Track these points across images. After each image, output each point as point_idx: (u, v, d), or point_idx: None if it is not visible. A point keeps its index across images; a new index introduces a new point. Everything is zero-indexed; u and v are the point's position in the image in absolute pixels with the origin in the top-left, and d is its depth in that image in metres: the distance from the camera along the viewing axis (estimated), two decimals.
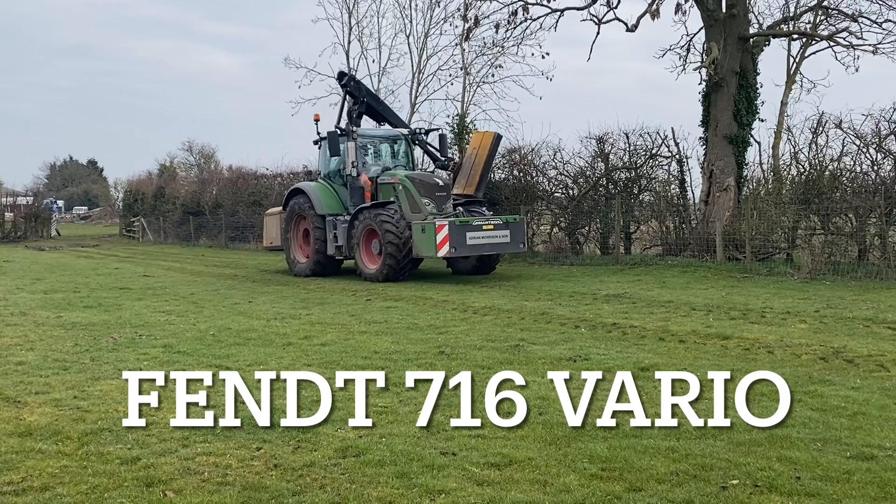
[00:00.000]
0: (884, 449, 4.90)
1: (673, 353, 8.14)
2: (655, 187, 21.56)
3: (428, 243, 15.55)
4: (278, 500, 4.27)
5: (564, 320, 10.57)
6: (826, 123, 17.10)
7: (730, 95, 17.99)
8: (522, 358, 8.03)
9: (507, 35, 21.59)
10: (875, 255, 15.53)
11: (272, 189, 33.94)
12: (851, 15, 19.00)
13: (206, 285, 16.87)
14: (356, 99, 19.10)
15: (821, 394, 6.28)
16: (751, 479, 4.44)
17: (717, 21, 17.83)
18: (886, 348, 8.10)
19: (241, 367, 7.74)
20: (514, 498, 4.20)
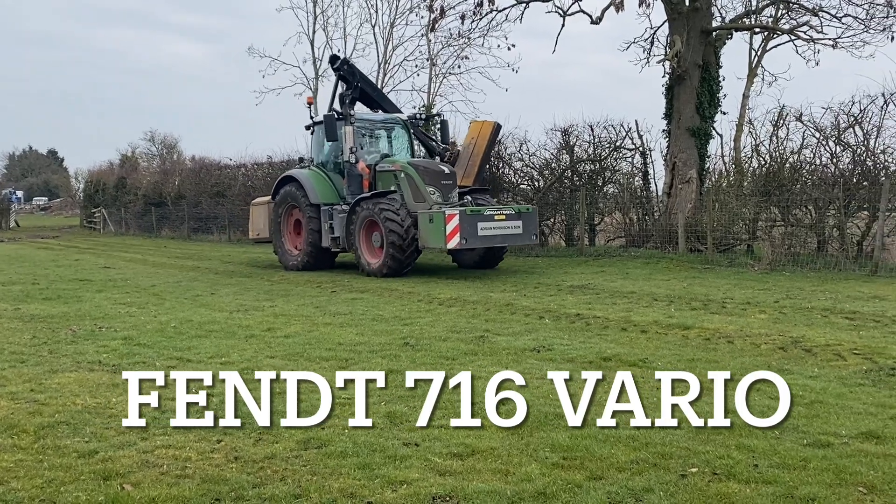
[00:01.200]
0: (840, 436, 4.98)
1: (635, 343, 8.21)
2: (619, 179, 21.71)
3: (436, 234, 14.65)
4: (238, 492, 4.23)
5: (529, 311, 10.61)
6: (787, 116, 17.36)
7: (692, 88, 18.15)
8: (487, 349, 8.04)
9: (473, 26, 21.66)
10: (834, 246, 15.79)
11: (236, 180, 33.68)
12: (812, 9, 19.27)
13: (168, 277, 16.69)
14: (349, 83, 18.07)
15: None
16: (710, 466, 4.49)
17: (680, 14, 17.97)
18: (844, 338, 8.24)
19: (203, 359, 7.69)
20: (475, 487, 4.21)
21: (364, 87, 18.35)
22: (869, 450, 4.72)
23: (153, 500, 4.14)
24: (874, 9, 18.21)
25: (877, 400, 5.82)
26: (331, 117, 16.64)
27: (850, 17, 18.54)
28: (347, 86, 17.99)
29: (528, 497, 4.08)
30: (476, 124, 18.55)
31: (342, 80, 18.15)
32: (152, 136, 67.91)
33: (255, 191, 31.90)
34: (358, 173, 16.60)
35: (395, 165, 16.24)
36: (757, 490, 4.14)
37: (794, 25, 20.07)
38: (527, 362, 7.36)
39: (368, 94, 18.48)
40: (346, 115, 16.90)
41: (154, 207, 38.53)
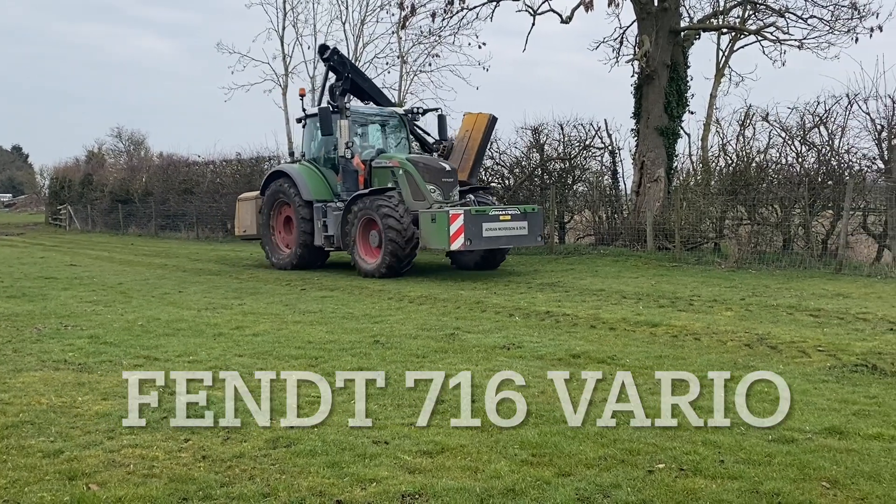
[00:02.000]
0: (804, 432, 5.05)
1: (603, 341, 8.26)
2: (589, 178, 21.86)
3: (439, 235, 13.97)
4: (206, 491, 4.20)
5: (499, 309, 10.64)
6: (753, 116, 17.56)
7: (661, 88, 18.30)
8: (457, 346, 8.05)
9: (444, 24, 21.70)
10: (799, 244, 16.01)
11: (204, 177, 33.39)
12: (778, 10, 19.53)
13: (135, 275, 16.50)
14: (339, 75, 17.48)
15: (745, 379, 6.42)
16: (676, 462, 4.53)
17: (649, 14, 18.11)
18: (808, 335, 8.35)
19: (170, 358, 7.62)
20: (444, 485, 4.22)
21: (355, 78, 17.74)
22: (832, 445, 4.79)
23: (119, 500, 4.10)
24: (839, 10, 18.53)
25: (840, 396, 5.91)
26: (326, 110, 15.93)
27: (816, 19, 18.85)
28: (338, 77, 17.46)
29: (497, 494, 4.09)
30: (470, 117, 17.81)
31: (332, 71, 17.61)
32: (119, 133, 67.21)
33: (223, 188, 31.71)
34: (353, 169, 15.95)
35: (393, 161, 15.64)
36: (723, 485, 4.18)
37: (761, 26, 20.32)
38: (496, 360, 7.38)
39: (359, 86, 17.82)
40: (342, 108, 16.20)
41: (121, 204, 38.08)
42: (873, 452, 4.64)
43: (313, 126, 16.93)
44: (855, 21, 18.31)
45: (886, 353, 7.36)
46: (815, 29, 18.94)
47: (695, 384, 6.16)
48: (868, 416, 5.36)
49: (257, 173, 30.63)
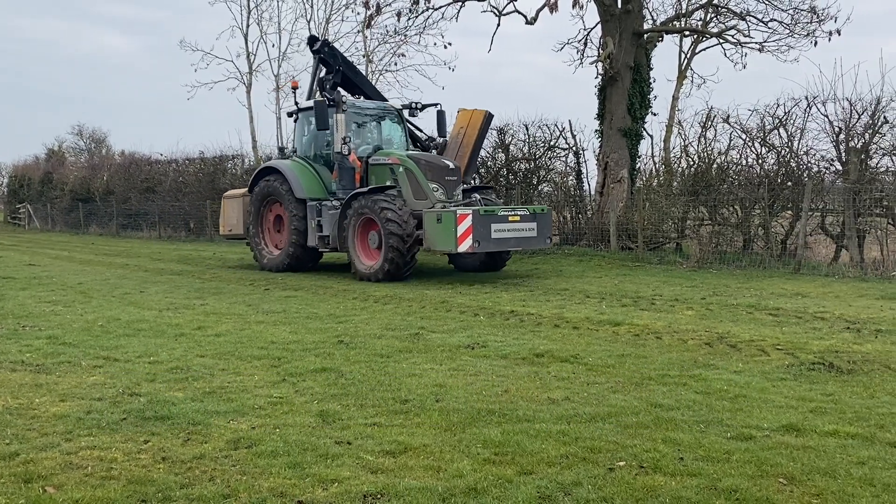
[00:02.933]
0: (762, 430, 5.10)
1: (567, 340, 8.30)
2: (553, 178, 21.98)
3: (445, 236, 13.18)
4: (165, 493, 4.15)
5: (464, 308, 10.65)
6: (714, 118, 17.77)
7: (624, 90, 18.44)
8: (422, 346, 8.04)
9: (410, 24, 21.65)
10: (759, 244, 16.24)
11: (167, 175, 33.04)
12: (740, 13, 19.80)
13: (96, 274, 16.27)
14: (330, 67, 16.68)
15: (705, 377, 6.49)
16: (637, 460, 4.56)
17: (612, 16, 18.25)
18: (767, 334, 8.47)
19: (131, 358, 7.52)
20: (407, 484, 4.20)
21: (346, 71, 17.05)
22: (789, 442, 4.85)
23: (76, 503, 4.03)
24: (798, 14, 18.82)
25: (798, 394, 5.98)
26: (322, 103, 15.04)
27: (776, 22, 19.14)
28: (328, 69, 16.77)
29: (459, 493, 4.09)
30: (465, 113, 17.03)
31: (322, 64, 16.86)
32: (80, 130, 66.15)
33: (186, 187, 31.38)
34: (350, 166, 15.11)
35: (393, 158, 14.86)
36: (682, 482, 4.22)
37: (723, 29, 20.58)
38: (461, 359, 7.38)
39: (351, 80, 17.12)
40: (338, 102, 15.28)
41: (81, 203, 37.54)
42: (829, 449, 4.70)
43: (305, 121, 16.31)
44: (814, 25, 18.64)
45: (843, 351, 7.49)
46: (775, 32, 19.26)
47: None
48: (824, 414, 5.44)
49: (220, 172, 30.40)
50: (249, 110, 34.04)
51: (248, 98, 34.47)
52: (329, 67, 16.77)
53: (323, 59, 16.81)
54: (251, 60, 34.21)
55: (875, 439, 4.88)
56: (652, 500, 4.00)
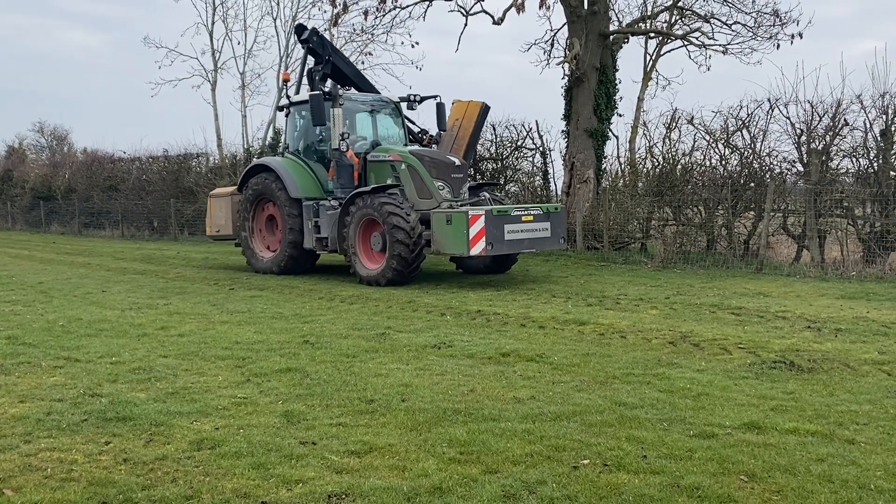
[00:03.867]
0: (724, 427, 5.16)
1: (532, 339, 8.34)
2: (521, 178, 22.04)
3: (456, 238, 12.36)
4: (126, 494, 4.10)
5: (431, 308, 10.65)
6: (679, 119, 17.89)
7: (590, 91, 18.54)
8: (388, 346, 8.02)
9: (377, 22, 21.61)
10: (722, 244, 16.41)
11: (130, 174, 32.62)
12: (704, 16, 20.00)
13: (57, 274, 16.02)
14: (319, 58, 15.77)
15: (668, 376, 6.55)
16: (601, 458, 4.59)
17: (579, 17, 18.34)
18: (730, 332, 8.56)
19: (92, 359, 7.42)
20: (372, 484, 4.20)
21: (336, 61, 16.14)
22: (751, 440, 4.91)
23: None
24: (761, 17, 19.04)
25: (759, 392, 6.06)
26: (318, 97, 14.09)
27: (740, 25, 19.35)
28: (317, 60, 15.92)
29: (424, 492, 4.09)
30: (460, 104, 16.24)
31: (311, 54, 16.03)
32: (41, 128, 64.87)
33: (150, 185, 31.00)
34: (349, 163, 14.27)
35: (393, 155, 14.00)
36: (645, 480, 4.26)
37: (687, 31, 20.78)
38: (427, 358, 7.38)
39: (341, 71, 16.15)
40: (335, 96, 14.31)
41: (42, 202, 36.92)
42: (789, 446, 4.77)
43: (298, 115, 15.51)
44: (777, 28, 18.86)
45: (804, 350, 7.58)
46: (738, 35, 19.48)
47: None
48: (785, 412, 5.51)
49: (185, 170, 30.08)
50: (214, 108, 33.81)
51: (213, 96, 34.21)
52: (318, 58, 15.96)
53: (312, 50, 16.00)
54: (216, 58, 33.99)
55: (834, 437, 4.96)
56: (615, 497, 4.03)
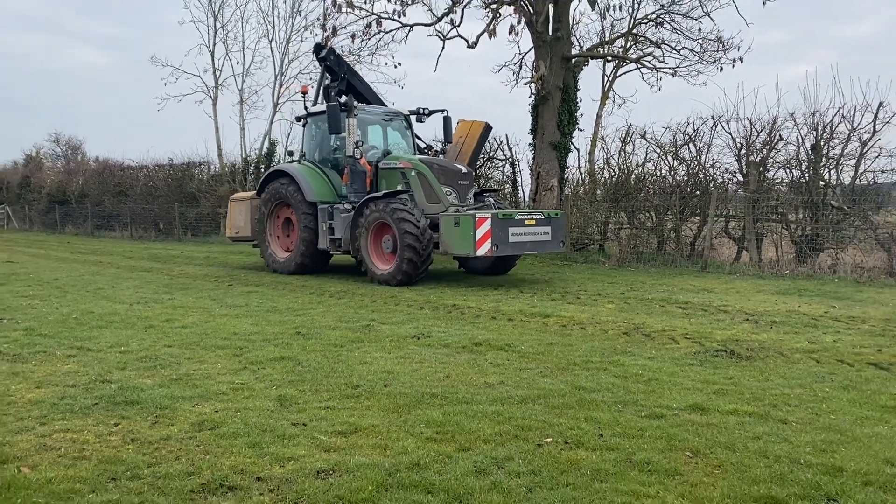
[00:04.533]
0: (672, 409, 5.20)
1: (502, 330, 8.35)
2: (492, 186, 22.03)
3: (463, 239, 12.06)
4: (133, 471, 4.06)
5: (411, 302, 10.63)
6: (633, 134, 17.96)
7: (554, 108, 18.57)
8: (372, 336, 8.00)
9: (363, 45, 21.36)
10: (671, 246, 16.51)
11: (138, 180, 32.29)
12: (656, 42, 20.09)
13: (71, 271, 15.82)
14: (335, 75, 15.41)
15: (623, 363, 6.59)
16: (562, 436, 4.61)
17: (544, 42, 18.36)
18: (677, 324, 8.63)
19: (103, 348, 7.34)
20: (357, 461, 4.18)
21: (350, 79, 15.69)
22: (695, 420, 4.95)
23: (50, 482, 3.92)
24: (706, 43, 19.16)
25: (703, 377, 6.11)
26: (335, 107, 13.70)
27: (687, 50, 19.46)
28: (333, 77, 15.48)
29: (403, 468, 4.08)
30: (465, 123, 15.88)
31: (328, 72, 15.57)
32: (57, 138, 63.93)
33: (156, 191, 30.67)
34: (362, 170, 13.89)
35: (404, 163, 13.64)
36: (601, 456, 4.28)
37: (641, 55, 20.86)
38: (408, 348, 7.37)
39: (355, 87, 15.67)
40: (351, 107, 13.94)
41: (58, 205, 36.44)
42: (729, 426, 4.81)
43: (315, 125, 15.06)
44: (720, 53, 18.98)
45: (742, 340, 7.66)
46: (686, 59, 19.60)
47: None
48: (726, 395, 5.56)
49: (188, 177, 29.82)
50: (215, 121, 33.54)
51: (214, 110, 33.94)
52: (334, 75, 15.52)
53: (328, 67, 15.57)
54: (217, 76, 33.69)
55: (769, 417, 5.01)
56: (575, 472, 4.05)
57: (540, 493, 3.76)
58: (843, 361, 6.66)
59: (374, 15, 18.86)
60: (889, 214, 14.59)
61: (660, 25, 19.94)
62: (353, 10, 19.12)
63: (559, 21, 18.35)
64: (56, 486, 3.87)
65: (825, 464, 4.12)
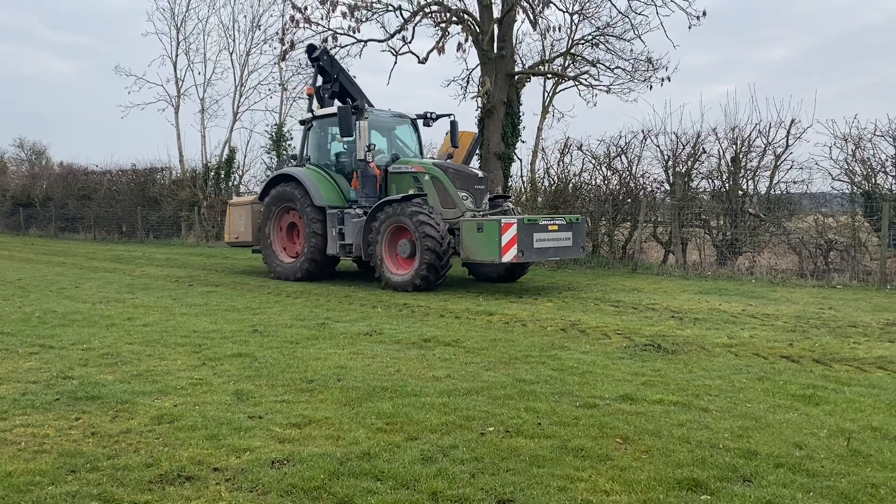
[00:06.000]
0: (604, 399, 5.25)
1: (450, 327, 8.34)
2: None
3: (487, 245, 11.07)
4: (93, 464, 3.93)
5: (364, 301, 10.55)
6: (571, 146, 18.12)
7: (499, 121, 18.68)
8: (327, 334, 7.91)
9: None
10: (605, 249, 16.75)
11: (101, 185, 31.38)
12: (591, 61, 20.37)
13: (34, 271, 15.29)
14: (327, 76, 14.27)
15: (560, 357, 6.64)
16: (503, 426, 4.62)
17: (490, 60, 18.46)
18: (609, 321, 8.74)
19: (65, 346, 7.10)
20: (310, 451, 4.13)
21: (343, 81, 14.48)
22: (625, 409, 5.01)
23: (9, 475, 3.77)
24: (637, 63, 19.50)
25: (632, 370, 6.19)
26: (346, 109, 12.54)
27: (620, 69, 19.77)
28: (325, 79, 14.35)
29: (354, 457, 4.05)
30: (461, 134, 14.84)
31: (320, 73, 14.42)
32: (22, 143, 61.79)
33: (119, 195, 29.84)
34: (372, 174, 12.86)
35: (416, 167, 12.61)
36: (539, 443, 4.30)
37: (578, 73, 21.12)
38: (360, 344, 7.31)
39: (346, 90, 14.49)
40: (361, 109, 12.85)
41: (22, 208, 35.15)
42: (656, 414, 4.89)
43: (320, 129, 13.94)
44: (649, 72, 19.33)
45: (668, 335, 7.80)
46: (619, 77, 19.89)
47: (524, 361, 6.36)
48: (653, 386, 5.64)
49: (150, 182, 29.11)
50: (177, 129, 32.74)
51: (176, 118, 33.17)
52: (326, 76, 14.39)
53: (321, 68, 14.41)
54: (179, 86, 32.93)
55: (691, 406, 5.10)
56: (515, 458, 4.06)
57: (482, 479, 3.77)
58: (759, 355, 6.83)
59: (330, 30, 18.68)
60: (800, 221, 15.04)
61: (595, 46, 20.23)
62: (310, 25, 18.94)
63: (503, 40, 18.49)
64: (16, 479, 3.73)
65: (741, 448, 4.22)
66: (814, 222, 14.29)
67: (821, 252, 13.80)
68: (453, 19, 18.62)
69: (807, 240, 14.02)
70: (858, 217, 13.68)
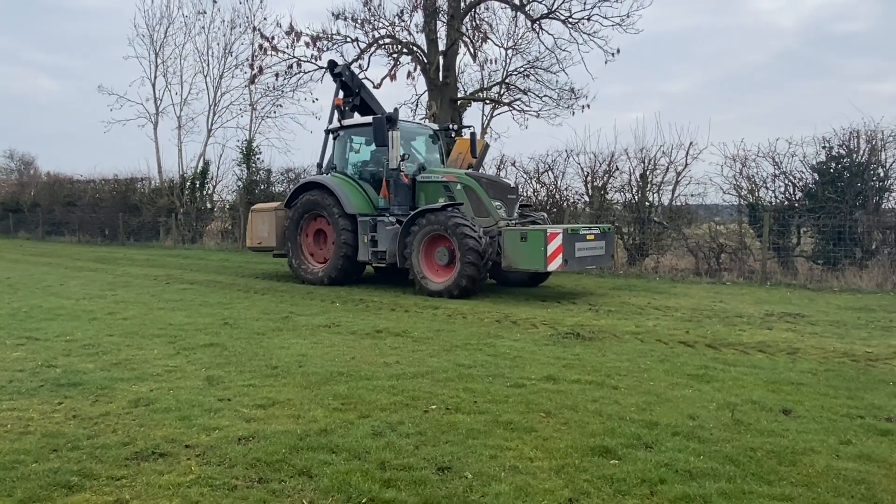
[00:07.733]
0: (531, 380, 5.32)
1: (400, 320, 8.32)
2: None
3: (532, 255, 10.05)
4: (74, 443, 3.80)
5: (324, 297, 10.43)
6: (506, 162, 18.35)
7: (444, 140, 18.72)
8: (290, 325, 7.81)
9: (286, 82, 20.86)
10: None
11: (86, 192, 30.25)
12: (523, 90, 20.61)
13: (22, 271, 14.64)
14: (349, 91, 13.29)
15: (494, 344, 6.70)
16: (444, 404, 4.65)
17: (436, 86, 18.50)
18: (537, 313, 8.84)
19: (50, 338, 6.84)
20: (273, 429, 4.08)
21: (364, 96, 13.52)
22: (548, 388, 5.08)
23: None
24: (562, 92, 19.86)
25: (555, 354, 6.27)
26: (381, 119, 11.49)
27: (548, 97, 20.09)
28: (347, 93, 13.33)
29: (313, 434, 4.01)
30: (463, 142, 13.64)
31: (343, 88, 13.35)
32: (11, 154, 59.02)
33: (102, 202, 28.80)
34: (404, 183, 11.74)
35: (448, 176, 11.51)
36: (475, 418, 4.34)
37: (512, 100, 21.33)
38: (320, 335, 7.24)
39: (366, 104, 13.55)
40: (394, 120, 11.60)
41: (11, 213, 33.56)
42: (574, 392, 4.97)
43: (347, 138, 12.81)
44: (572, 100, 19.71)
45: (586, 325, 7.92)
46: (546, 104, 20.20)
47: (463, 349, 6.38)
48: (572, 368, 5.73)
49: (131, 191, 28.20)
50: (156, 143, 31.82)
51: (155, 133, 32.29)
52: (348, 91, 13.36)
53: (343, 84, 13.32)
54: (158, 104, 31.98)
55: (604, 384, 5.20)
56: (454, 431, 4.09)
57: (425, 450, 3.78)
58: (661, 341, 7.00)
59: (295, 58, 18.48)
60: (697, 228, 15.51)
61: (527, 77, 20.49)
62: (276, 52, 18.67)
63: (448, 70, 18.55)
64: (2, 457, 3.59)
65: (645, 420, 4.33)
66: (708, 229, 14.76)
67: (713, 254, 14.25)
68: (404, 51, 18.61)
69: (702, 244, 14.46)
70: (744, 225, 14.20)
